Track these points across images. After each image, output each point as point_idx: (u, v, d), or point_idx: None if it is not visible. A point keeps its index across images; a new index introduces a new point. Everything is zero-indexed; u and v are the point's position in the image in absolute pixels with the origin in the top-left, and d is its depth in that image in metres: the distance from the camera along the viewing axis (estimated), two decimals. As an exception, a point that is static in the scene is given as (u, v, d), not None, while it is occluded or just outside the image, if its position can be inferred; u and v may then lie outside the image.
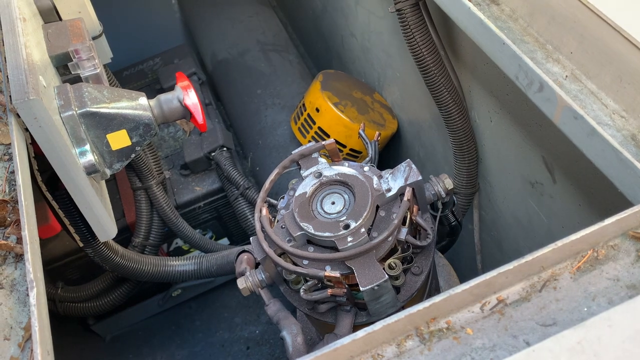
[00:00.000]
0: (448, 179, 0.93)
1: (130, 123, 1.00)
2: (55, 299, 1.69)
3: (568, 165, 1.04)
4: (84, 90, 0.98)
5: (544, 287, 0.61)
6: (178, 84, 1.07)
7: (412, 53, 1.20)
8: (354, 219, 0.81)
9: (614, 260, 0.63)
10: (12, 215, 0.80)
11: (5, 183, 0.84)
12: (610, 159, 0.75)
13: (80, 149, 0.96)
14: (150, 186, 1.64)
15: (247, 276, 0.92)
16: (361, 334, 0.57)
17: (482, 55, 0.97)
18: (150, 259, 1.47)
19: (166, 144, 1.95)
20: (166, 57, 2.22)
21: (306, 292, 0.84)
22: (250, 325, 2.05)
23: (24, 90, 0.84)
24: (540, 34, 0.92)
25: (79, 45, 1.07)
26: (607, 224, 0.63)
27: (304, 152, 0.91)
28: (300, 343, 0.87)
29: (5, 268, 0.74)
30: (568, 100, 0.79)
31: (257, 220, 0.88)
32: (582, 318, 0.58)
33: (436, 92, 1.23)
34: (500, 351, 0.57)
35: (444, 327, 0.60)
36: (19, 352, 0.65)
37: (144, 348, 2.06)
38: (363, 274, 0.78)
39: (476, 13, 0.93)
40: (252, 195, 1.78)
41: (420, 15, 1.16)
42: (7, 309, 0.69)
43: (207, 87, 2.14)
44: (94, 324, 1.98)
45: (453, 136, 1.28)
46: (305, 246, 0.83)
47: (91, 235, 1.21)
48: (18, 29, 0.96)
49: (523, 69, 0.86)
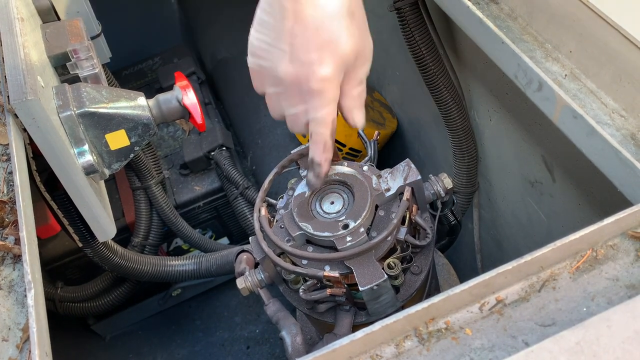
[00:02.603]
0: (447, 178, 0.93)
1: (129, 123, 1.00)
2: (55, 298, 1.69)
3: (568, 165, 1.04)
4: (83, 90, 0.98)
5: (543, 287, 0.61)
6: (177, 83, 1.07)
7: (412, 52, 1.20)
8: (353, 219, 0.81)
9: (613, 260, 0.63)
10: (10, 215, 0.80)
11: (4, 184, 0.84)
12: (609, 158, 0.75)
13: (79, 149, 0.96)
14: (150, 186, 1.64)
15: (247, 276, 0.92)
16: (360, 335, 0.57)
17: (482, 54, 0.97)
18: (150, 259, 1.47)
19: (165, 144, 1.94)
20: (165, 57, 2.22)
21: (305, 292, 0.84)
22: (250, 325, 2.05)
23: (22, 90, 0.83)
24: (539, 33, 0.91)
25: (77, 45, 1.07)
26: (606, 223, 0.63)
27: (303, 151, 0.91)
28: (299, 343, 0.87)
29: (4, 269, 0.74)
30: (567, 100, 0.79)
31: (256, 220, 0.88)
32: (581, 318, 0.57)
33: (435, 91, 1.22)
34: (499, 351, 0.57)
35: (442, 327, 0.60)
36: (17, 353, 0.65)
37: (144, 347, 2.06)
38: (362, 274, 0.78)
39: (475, 12, 0.93)
40: (252, 194, 1.78)
41: (419, 14, 1.15)
42: (5, 310, 0.69)
43: (207, 86, 2.14)
44: (94, 324, 1.98)
45: (452, 135, 1.28)
46: (304, 246, 0.83)
47: (90, 235, 1.21)
48: (16, 29, 0.95)
49: (522, 68, 0.86)
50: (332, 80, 0.67)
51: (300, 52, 0.65)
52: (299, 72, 0.66)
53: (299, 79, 0.67)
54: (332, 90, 0.68)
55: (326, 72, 0.66)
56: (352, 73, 0.71)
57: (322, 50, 0.65)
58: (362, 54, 0.70)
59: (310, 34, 0.64)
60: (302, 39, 0.64)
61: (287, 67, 0.67)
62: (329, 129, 0.73)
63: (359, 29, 0.68)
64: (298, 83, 0.67)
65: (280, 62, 0.67)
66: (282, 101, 0.72)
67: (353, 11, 0.66)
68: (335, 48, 0.65)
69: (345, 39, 0.66)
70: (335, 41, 0.65)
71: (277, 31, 0.66)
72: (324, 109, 0.70)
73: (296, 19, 0.63)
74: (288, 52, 0.66)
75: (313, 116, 0.71)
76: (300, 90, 0.68)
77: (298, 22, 0.64)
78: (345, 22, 0.65)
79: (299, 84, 0.67)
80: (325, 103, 0.69)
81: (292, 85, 0.68)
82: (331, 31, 0.64)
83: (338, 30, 0.65)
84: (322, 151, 0.76)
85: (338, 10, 0.64)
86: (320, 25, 0.64)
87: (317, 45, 0.64)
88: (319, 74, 0.66)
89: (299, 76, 0.67)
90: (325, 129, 0.73)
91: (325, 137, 0.74)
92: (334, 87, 0.68)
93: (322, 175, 0.80)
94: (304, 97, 0.69)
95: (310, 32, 0.64)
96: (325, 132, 0.73)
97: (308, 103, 0.70)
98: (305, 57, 0.65)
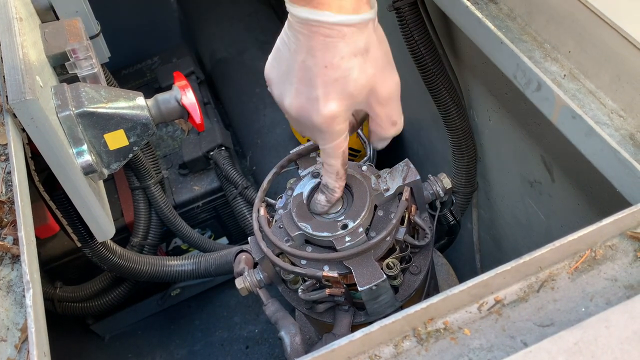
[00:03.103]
0: (446, 178, 0.93)
1: (128, 123, 1.00)
2: (53, 298, 1.69)
3: (567, 165, 1.04)
4: (81, 90, 0.98)
5: (541, 288, 0.61)
6: (176, 83, 1.07)
7: (411, 52, 1.20)
8: (352, 219, 0.81)
9: (611, 260, 0.63)
10: (9, 215, 0.80)
11: (2, 183, 0.84)
12: (608, 159, 0.75)
13: (78, 149, 0.96)
14: (149, 186, 1.64)
15: (246, 276, 0.92)
16: (358, 335, 0.57)
17: (481, 54, 0.97)
18: (149, 259, 1.47)
19: (164, 143, 1.94)
20: (164, 56, 2.21)
21: (304, 292, 0.84)
22: (250, 325, 2.05)
23: (21, 90, 0.83)
24: (538, 33, 0.91)
25: (76, 45, 1.07)
26: (605, 223, 0.63)
27: (301, 151, 0.91)
28: (298, 343, 0.87)
29: (2, 269, 0.74)
30: (566, 100, 0.79)
31: (255, 220, 0.88)
32: (579, 318, 0.57)
33: (435, 91, 1.22)
34: (498, 352, 0.57)
35: (441, 327, 0.60)
36: (15, 354, 0.65)
37: (143, 347, 2.06)
38: (361, 274, 0.78)
39: (474, 12, 0.93)
40: (251, 194, 1.78)
41: (418, 14, 1.15)
42: (4, 310, 0.69)
43: (206, 86, 2.14)
44: (93, 324, 1.98)
45: (452, 135, 1.28)
46: (303, 246, 0.83)
47: (89, 235, 1.21)
48: (15, 29, 0.95)
49: (521, 68, 0.86)
50: (335, 117, 0.67)
51: (306, 87, 0.65)
52: (304, 107, 0.67)
53: (304, 113, 0.67)
54: (337, 126, 0.68)
55: (330, 110, 0.66)
56: (376, 110, 0.70)
57: (327, 86, 0.64)
58: (379, 92, 0.68)
59: (318, 71, 0.64)
60: (310, 75, 0.64)
61: (293, 101, 0.67)
62: (339, 160, 0.74)
63: (375, 67, 0.67)
64: (303, 117, 0.67)
65: (287, 95, 0.68)
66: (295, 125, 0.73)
67: (368, 49, 0.65)
68: (342, 86, 0.65)
69: (355, 77, 0.65)
70: (343, 79, 0.64)
71: (288, 63, 0.66)
72: (331, 143, 0.70)
73: (308, 54, 0.63)
74: (295, 86, 0.66)
75: (322, 147, 0.72)
76: (306, 123, 0.68)
77: (309, 58, 0.63)
78: (357, 60, 0.64)
79: (303, 117, 0.68)
80: (331, 139, 0.70)
81: (298, 118, 0.68)
82: (340, 69, 0.64)
83: (347, 69, 0.64)
84: (334, 179, 0.77)
85: (349, 49, 0.63)
86: (329, 63, 0.63)
87: (323, 82, 0.64)
88: (323, 111, 0.66)
89: (304, 111, 0.67)
90: (335, 160, 0.74)
91: (336, 168, 0.75)
92: (339, 122, 0.68)
93: (333, 201, 0.81)
94: (311, 129, 0.70)
95: (318, 69, 0.64)
96: (335, 164, 0.74)
97: (315, 135, 0.71)
98: (312, 93, 0.65)
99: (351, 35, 0.62)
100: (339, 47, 0.63)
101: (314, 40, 0.62)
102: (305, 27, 0.62)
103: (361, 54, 0.64)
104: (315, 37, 0.62)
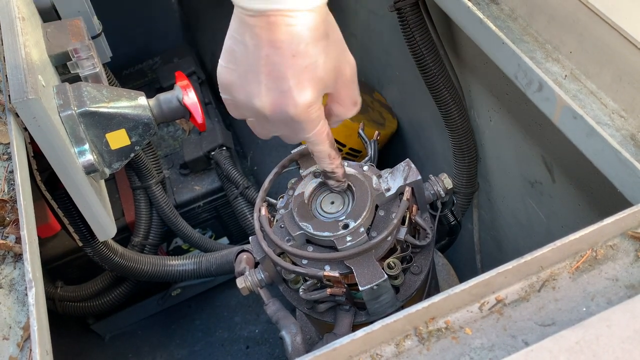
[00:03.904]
0: (447, 178, 0.93)
1: (130, 122, 1.00)
2: (54, 298, 1.69)
3: (568, 165, 1.04)
4: (83, 90, 0.98)
5: (542, 287, 0.61)
6: (177, 83, 1.07)
7: (412, 52, 1.20)
8: (353, 219, 0.81)
9: (612, 260, 0.63)
10: (11, 214, 0.80)
11: (4, 182, 0.85)
12: (609, 159, 0.75)
13: (80, 149, 0.96)
14: (150, 185, 1.64)
15: (247, 276, 0.92)
16: (360, 334, 0.57)
17: (482, 55, 0.97)
18: (150, 259, 1.47)
19: (165, 143, 1.95)
20: (166, 56, 2.22)
21: (305, 291, 0.84)
22: (250, 325, 2.05)
23: (23, 89, 0.84)
24: (539, 34, 0.92)
25: (78, 45, 1.07)
26: (606, 223, 0.63)
27: (303, 151, 0.91)
28: (299, 343, 0.87)
29: (4, 268, 0.74)
30: (567, 100, 0.79)
31: (256, 219, 0.88)
32: (580, 318, 0.58)
33: (436, 92, 1.23)
34: (499, 351, 0.57)
35: (442, 326, 0.60)
36: (17, 352, 0.65)
37: (143, 347, 2.06)
38: (362, 274, 0.78)
39: (475, 12, 0.93)
40: (252, 194, 1.78)
41: (419, 14, 1.16)
42: (6, 308, 0.69)
43: (207, 86, 2.14)
44: (94, 323, 1.98)
45: (452, 135, 1.29)
46: (304, 246, 0.83)
47: (90, 234, 1.21)
48: (17, 28, 0.95)
49: (522, 68, 0.86)
50: (312, 104, 0.66)
51: (277, 81, 0.64)
52: (279, 102, 0.65)
53: (279, 108, 0.65)
54: (314, 113, 0.67)
55: (305, 98, 0.64)
56: (340, 92, 0.70)
57: (298, 76, 0.63)
58: (343, 74, 0.68)
59: (286, 62, 0.62)
60: (279, 67, 0.63)
61: (265, 99, 0.65)
62: (326, 144, 0.73)
63: (336, 50, 0.67)
64: (279, 112, 0.66)
65: (256, 95, 0.66)
66: (267, 127, 0.71)
67: (327, 33, 0.64)
68: (313, 72, 0.64)
69: (322, 61, 0.64)
70: (312, 65, 0.63)
71: (249, 62, 0.64)
72: (312, 131, 0.69)
73: (271, 48, 0.62)
74: (264, 83, 0.64)
75: (305, 138, 0.71)
76: (283, 118, 0.67)
77: (273, 51, 0.62)
78: (321, 44, 0.63)
79: (279, 112, 0.66)
80: (312, 126, 0.68)
81: (273, 115, 0.67)
82: (308, 56, 0.63)
83: (315, 55, 0.63)
84: (328, 162, 0.77)
85: (313, 34, 0.62)
86: (296, 52, 0.62)
87: (293, 72, 0.63)
88: (299, 100, 0.64)
89: (279, 105, 0.65)
90: (322, 146, 0.73)
91: (326, 152, 0.75)
92: (316, 110, 0.67)
93: (341, 177, 0.82)
94: (289, 124, 0.68)
95: (287, 60, 0.62)
96: (324, 149, 0.74)
97: (294, 128, 0.69)
98: (283, 86, 0.64)
99: (312, 20, 0.61)
100: (302, 34, 0.61)
101: (275, 32, 0.61)
102: (263, 20, 0.61)
103: (324, 38, 0.64)
104: (277, 27, 0.61)
